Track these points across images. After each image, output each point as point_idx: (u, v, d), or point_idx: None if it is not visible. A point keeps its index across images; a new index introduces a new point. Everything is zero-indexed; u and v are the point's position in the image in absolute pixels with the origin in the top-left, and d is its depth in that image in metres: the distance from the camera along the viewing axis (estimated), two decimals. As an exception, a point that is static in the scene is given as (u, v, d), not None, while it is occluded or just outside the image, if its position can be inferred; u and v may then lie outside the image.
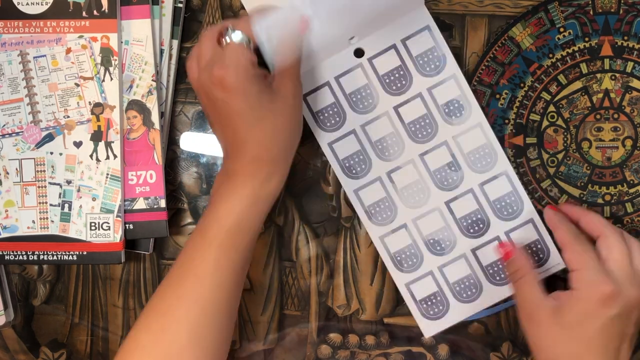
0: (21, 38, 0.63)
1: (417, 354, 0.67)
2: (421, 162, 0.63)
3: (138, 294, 0.68)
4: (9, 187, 0.64)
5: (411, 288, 0.64)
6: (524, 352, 0.66)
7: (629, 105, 0.64)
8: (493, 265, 0.63)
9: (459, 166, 0.63)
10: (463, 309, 0.63)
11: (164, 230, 0.64)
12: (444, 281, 0.63)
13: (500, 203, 0.63)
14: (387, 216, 0.63)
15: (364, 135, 0.63)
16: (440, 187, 0.63)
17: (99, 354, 0.69)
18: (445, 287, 0.63)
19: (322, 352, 0.67)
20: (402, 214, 0.63)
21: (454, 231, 0.63)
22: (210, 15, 0.66)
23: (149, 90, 0.64)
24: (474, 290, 0.63)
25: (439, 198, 0.63)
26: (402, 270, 0.64)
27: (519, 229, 0.63)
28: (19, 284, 0.68)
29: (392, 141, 0.63)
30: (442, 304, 0.63)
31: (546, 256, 0.63)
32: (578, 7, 0.63)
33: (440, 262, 0.63)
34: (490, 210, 0.63)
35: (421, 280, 0.64)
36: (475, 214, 0.63)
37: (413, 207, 0.63)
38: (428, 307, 0.63)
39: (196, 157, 0.67)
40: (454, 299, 0.63)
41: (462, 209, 0.63)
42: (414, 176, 0.63)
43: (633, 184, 0.64)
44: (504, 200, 0.63)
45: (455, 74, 0.63)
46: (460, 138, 0.63)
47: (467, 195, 0.63)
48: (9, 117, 0.64)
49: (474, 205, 0.63)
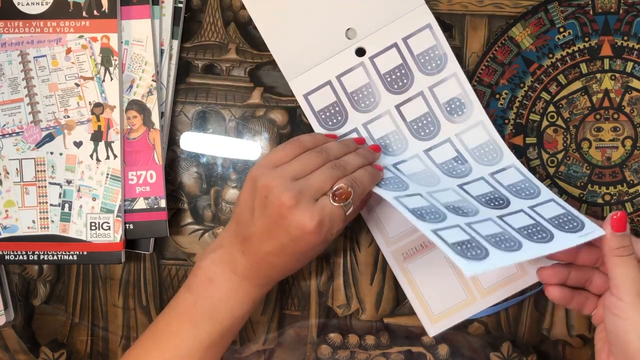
0: (21, 38, 0.63)
1: (417, 354, 0.67)
2: (427, 157, 0.63)
3: (138, 294, 0.68)
4: (9, 187, 0.64)
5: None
6: (524, 352, 0.66)
7: (628, 105, 0.64)
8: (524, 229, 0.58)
9: (465, 160, 0.63)
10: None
11: (164, 230, 0.64)
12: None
13: (515, 187, 0.61)
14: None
15: (366, 134, 0.63)
16: (450, 175, 0.62)
17: (99, 354, 0.69)
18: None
19: (322, 352, 0.67)
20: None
21: (473, 203, 0.60)
22: (210, 15, 0.66)
23: (149, 90, 0.64)
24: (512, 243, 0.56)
25: (449, 183, 0.62)
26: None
27: (540, 206, 0.60)
28: (19, 284, 0.68)
29: (394, 139, 0.63)
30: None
31: (580, 226, 0.58)
32: (578, 7, 0.63)
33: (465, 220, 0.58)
34: (507, 192, 0.61)
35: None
36: (492, 194, 0.61)
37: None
38: (465, 249, 0.55)
39: (196, 157, 0.67)
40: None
41: (477, 189, 0.61)
42: (419, 167, 0.63)
43: (633, 184, 0.64)
44: (519, 185, 0.61)
45: (457, 72, 0.63)
46: (463, 135, 0.63)
47: (480, 182, 0.62)
48: (9, 117, 0.64)
49: (488, 187, 0.62)
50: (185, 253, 0.67)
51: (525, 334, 0.66)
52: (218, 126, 0.66)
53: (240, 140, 0.66)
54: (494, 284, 0.64)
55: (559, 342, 0.66)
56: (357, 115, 0.63)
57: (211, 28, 0.66)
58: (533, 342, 0.66)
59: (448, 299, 0.64)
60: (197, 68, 0.66)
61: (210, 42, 0.66)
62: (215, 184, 0.67)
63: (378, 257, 0.66)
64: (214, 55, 0.66)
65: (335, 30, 0.63)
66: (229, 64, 0.66)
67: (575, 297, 0.58)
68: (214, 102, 0.66)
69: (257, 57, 0.66)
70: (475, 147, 0.63)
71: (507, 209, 0.59)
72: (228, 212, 0.67)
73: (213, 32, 0.66)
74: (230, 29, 0.66)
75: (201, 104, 0.66)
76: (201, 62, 0.66)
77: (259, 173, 0.55)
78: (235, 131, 0.66)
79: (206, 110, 0.67)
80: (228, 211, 0.67)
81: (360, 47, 0.63)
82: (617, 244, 0.54)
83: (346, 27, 0.63)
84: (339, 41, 0.63)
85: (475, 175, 0.62)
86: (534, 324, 0.66)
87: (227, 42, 0.66)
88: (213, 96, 0.66)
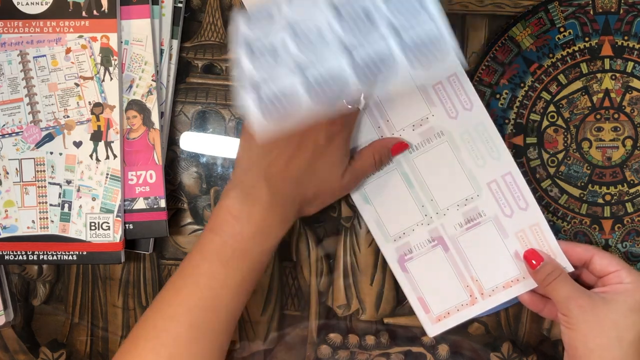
0: (21, 38, 0.63)
1: (417, 354, 0.67)
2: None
3: (138, 294, 0.68)
4: (8, 187, 0.64)
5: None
6: (524, 352, 0.66)
7: (629, 105, 0.64)
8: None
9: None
10: None
11: (164, 230, 0.64)
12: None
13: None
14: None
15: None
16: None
17: (99, 354, 0.69)
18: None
19: (322, 352, 0.67)
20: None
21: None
22: (210, 15, 0.66)
23: (149, 90, 0.64)
24: None
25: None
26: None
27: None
28: (19, 284, 0.68)
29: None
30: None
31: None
32: (578, 7, 0.63)
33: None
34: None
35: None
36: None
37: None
38: None
39: (196, 157, 0.67)
40: None
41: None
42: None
43: (633, 183, 0.64)
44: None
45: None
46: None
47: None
48: (8, 117, 0.64)
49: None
50: (185, 253, 0.67)
51: (526, 334, 0.66)
52: (218, 126, 0.66)
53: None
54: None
55: (559, 342, 0.66)
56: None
57: (211, 28, 0.66)
58: (533, 342, 0.66)
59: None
60: (197, 68, 0.66)
61: (210, 42, 0.66)
62: (215, 184, 0.67)
63: (378, 257, 0.66)
64: (213, 55, 0.66)
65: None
66: (229, 63, 0.66)
67: (547, 306, 0.62)
68: (214, 102, 0.66)
69: (257, 57, 0.66)
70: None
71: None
72: (228, 212, 0.67)
73: (213, 32, 0.66)
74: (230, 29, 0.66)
75: (201, 104, 0.66)
76: (201, 62, 0.66)
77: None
78: (235, 131, 0.66)
79: (206, 110, 0.66)
80: (228, 211, 0.67)
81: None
82: (542, 275, 0.59)
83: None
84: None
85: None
86: (534, 324, 0.66)
87: (227, 42, 0.66)
88: (213, 96, 0.66)
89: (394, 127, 0.62)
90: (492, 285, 0.63)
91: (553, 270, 0.59)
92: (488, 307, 0.63)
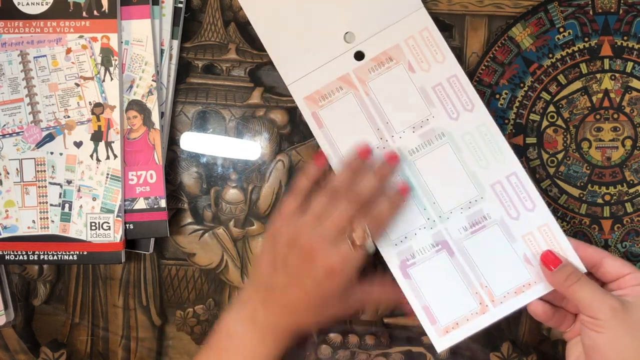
0: (21, 38, 0.63)
1: (417, 354, 0.67)
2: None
3: (138, 294, 0.68)
4: (9, 187, 0.64)
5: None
6: (524, 352, 0.66)
7: (628, 105, 0.64)
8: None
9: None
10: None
11: (164, 230, 0.64)
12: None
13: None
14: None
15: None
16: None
17: (99, 354, 0.69)
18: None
19: (322, 352, 0.67)
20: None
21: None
22: (211, 16, 0.66)
23: (149, 90, 0.64)
24: None
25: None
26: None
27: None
28: (19, 284, 0.68)
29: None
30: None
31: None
32: (578, 7, 0.63)
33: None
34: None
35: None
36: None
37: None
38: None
39: (196, 157, 0.67)
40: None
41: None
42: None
43: (633, 184, 0.64)
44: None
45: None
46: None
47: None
48: (9, 117, 0.64)
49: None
50: (186, 253, 0.67)
51: (525, 334, 0.66)
52: (218, 126, 0.66)
53: (240, 140, 0.66)
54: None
55: (559, 342, 0.66)
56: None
57: (211, 28, 0.66)
58: (533, 342, 0.66)
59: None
60: (197, 68, 0.66)
61: (210, 42, 0.66)
62: (215, 184, 0.67)
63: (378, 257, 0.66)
64: (214, 55, 0.66)
65: (334, 34, 0.63)
66: (229, 64, 0.66)
67: (556, 314, 0.59)
68: (214, 102, 0.66)
69: (257, 57, 0.66)
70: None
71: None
72: (228, 212, 0.67)
73: (213, 32, 0.66)
74: (230, 29, 0.66)
75: (201, 104, 0.66)
76: (201, 62, 0.66)
77: (278, 226, 0.59)
78: (235, 131, 0.66)
79: (206, 110, 0.67)
80: (228, 211, 0.67)
81: (359, 51, 0.63)
82: (562, 278, 0.57)
83: (345, 31, 0.63)
84: (337, 45, 0.63)
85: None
86: (534, 324, 0.66)
87: (227, 42, 0.66)
88: (213, 96, 0.66)
89: (393, 129, 0.62)
90: (503, 292, 0.60)
91: (574, 271, 0.57)
92: (500, 315, 0.60)
